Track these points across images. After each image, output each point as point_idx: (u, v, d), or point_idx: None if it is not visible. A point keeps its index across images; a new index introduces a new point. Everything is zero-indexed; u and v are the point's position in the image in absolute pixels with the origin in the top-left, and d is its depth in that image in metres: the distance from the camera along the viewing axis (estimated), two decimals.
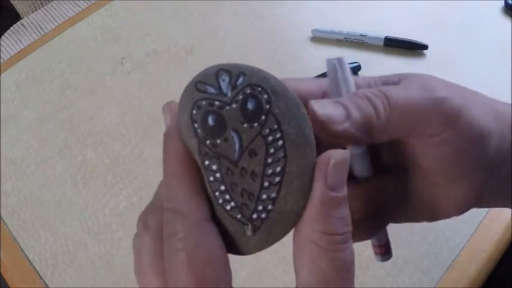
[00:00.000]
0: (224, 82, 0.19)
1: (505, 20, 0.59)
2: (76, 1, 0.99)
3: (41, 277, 0.45)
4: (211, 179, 0.19)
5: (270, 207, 0.19)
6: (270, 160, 0.19)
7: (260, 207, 0.19)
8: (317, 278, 0.18)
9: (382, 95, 0.22)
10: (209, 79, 0.19)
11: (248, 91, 0.19)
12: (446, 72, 0.55)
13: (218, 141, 0.19)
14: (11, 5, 1.06)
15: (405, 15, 0.62)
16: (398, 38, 0.57)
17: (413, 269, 0.41)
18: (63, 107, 0.58)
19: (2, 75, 0.64)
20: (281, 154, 0.19)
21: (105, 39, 0.66)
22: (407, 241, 0.42)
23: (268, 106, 0.19)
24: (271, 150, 0.19)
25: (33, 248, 0.47)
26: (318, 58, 0.58)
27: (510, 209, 0.43)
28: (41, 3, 1.04)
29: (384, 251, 0.27)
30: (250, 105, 0.19)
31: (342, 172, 0.19)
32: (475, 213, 0.43)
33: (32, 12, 1.03)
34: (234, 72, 0.19)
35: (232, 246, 0.20)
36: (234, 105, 0.19)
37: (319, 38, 0.60)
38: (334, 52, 0.59)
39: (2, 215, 0.50)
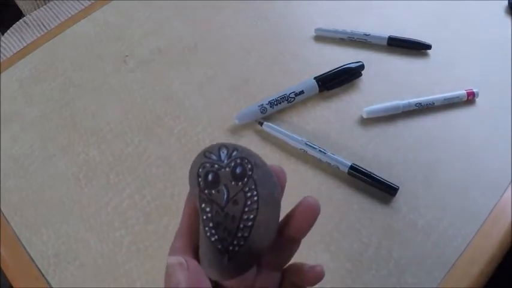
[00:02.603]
0: (223, 153, 0.26)
1: (508, 20, 0.59)
2: None
3: (43, 275, 0.45)
4: (205, 217, 0.26)
5: (242, 243, 0.25)
6: (246, 209, 0.25)
7: (235, 242, 0.25)
8: None
9: None
10: (213, 150, 0.27)
11: (238, 161, 0.26)
12: (449, 72, 0.55)
13: (213, 191, 0.26)
14: (14, 2, 1.07)
15: (409, 15, 0.61)
16: (402, 38, 0.57)
17: (416, 269, 0.41)
18: (66, 105, 0.58)
19: (4, 72, 0.64)
20: (255, 206, 0.25)
21: (108, 37, 0.66)
22: (409, 241, 0.42)
23: (250, 173, 0.26)
24: (248, 203, 0.25)
25: (36, 246, 0.47)
26: (321, 57, 0.58)
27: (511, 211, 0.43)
28: (44, 1, 1.04)
29: None
30: (238, 170, 0.26)
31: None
32: (478, 214, 0.43)
33: (35, 9, 1.03)
34: (230, 148, 0.27)
35: (212, 273, 0.26)
36: (227, 169, 0.26)
37: (323, 37, 0.60)
38: (338, 51, 0.58)
39: (4, 213, 0.50)
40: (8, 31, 1.00)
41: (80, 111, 0.57)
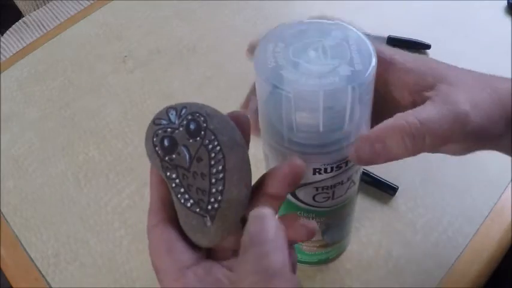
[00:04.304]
0: (172, 115, 0.25)
1: (507, 20, 0.59)
2: None
3: (43, 275, 0.45)
4: (173, 185, 0.24)
5: (219, 198, 0.24)
6: (213, 162, 0.24)
7: (212, 199, 0.24)
8: None
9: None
10: (162, 115, 0.25)
11: (189, 117, 0.25)
12: None
13: (174, 156, 0.24)
14: (13, 2, 1.06)
15: (408, 15, 0.61)
16: (401, 38, 0.57)
17: (416, 269, 0.41)
18: (66, 105, 0.58)
19: (4, 73, 0.64)
20: (220, 156, 0.24)
21: (108, 38, 0.66)
22: (409, 241, 0.42)
23: (205, 124, 0.25)
24: (213, 155, 0.24)
25: (35, 246, 0.47)
26: None
27: (511, 211, 0.43)
28: (43, 2, 1.04)
29: None
30: (192, 126, 0.25)
31: None
32: (477, 214, 0.44)
33: (34, 10, 1.03)
34: (179, 107, 0.25)
35: (199, 240, 0.25)
36: (181, 129, 0.25)
37: None
38: None
39: (4, 213, 0.50)
40: (8, 31, 1.00)
41: (80, 112, 0.57)
